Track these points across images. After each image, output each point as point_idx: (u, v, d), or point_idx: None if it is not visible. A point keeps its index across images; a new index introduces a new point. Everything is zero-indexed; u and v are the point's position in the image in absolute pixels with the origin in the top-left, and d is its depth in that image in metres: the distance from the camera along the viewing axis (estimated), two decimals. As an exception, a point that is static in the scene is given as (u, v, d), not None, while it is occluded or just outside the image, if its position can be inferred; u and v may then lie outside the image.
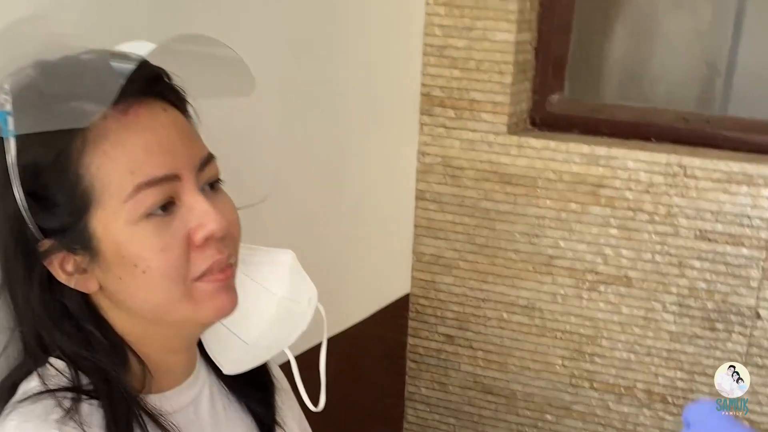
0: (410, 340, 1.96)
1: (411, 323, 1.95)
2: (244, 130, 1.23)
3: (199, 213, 0.78)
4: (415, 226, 1.88)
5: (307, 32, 1.42)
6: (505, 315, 1.87)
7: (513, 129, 1.78)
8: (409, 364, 1.98)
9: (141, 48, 0.79)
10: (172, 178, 0.78)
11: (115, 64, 0.76)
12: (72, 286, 0.80)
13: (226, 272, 0.82)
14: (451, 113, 1.79)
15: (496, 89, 1.74)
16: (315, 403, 0.97)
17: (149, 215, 0.77)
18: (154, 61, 0.79)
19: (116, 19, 0.97)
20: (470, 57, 1.75)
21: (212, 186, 0.82)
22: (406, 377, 1.99)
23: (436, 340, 1.94)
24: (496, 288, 1.86)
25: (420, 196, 1.86)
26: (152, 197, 0.77)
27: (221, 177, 0.84)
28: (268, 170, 1.33)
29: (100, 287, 0.80)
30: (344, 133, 1.58)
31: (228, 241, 0.82)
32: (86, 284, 0.80)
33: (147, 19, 1.04)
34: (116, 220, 0.77)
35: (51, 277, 0.80)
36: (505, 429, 1.93)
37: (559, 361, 1.85)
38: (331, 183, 1.57)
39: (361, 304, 1.75)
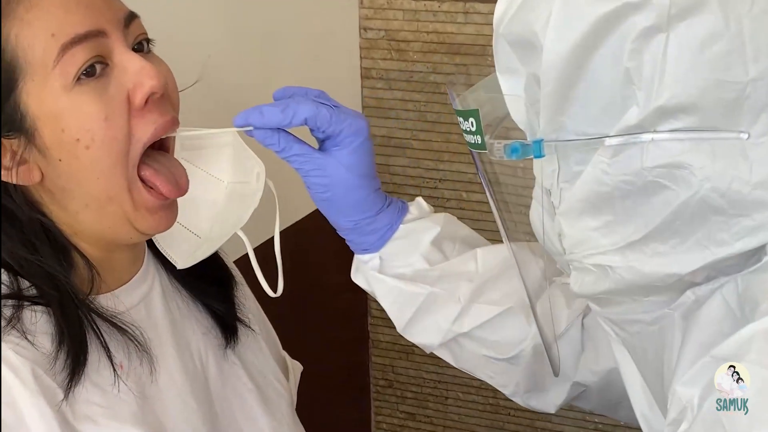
0: None
1: None
2: (171, 17, 1.13)
3: (134, 71, 0.74)
4: (363, 107, 1.80)
5: None
6: (464, 195, 1.80)
7: (459, -6, 1.67)
8: None
9: None
10: (97, 34, 0.73)
11: None
12: (13, 180, 0.74)
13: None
14: (390, -18, 1.68)
15: (437, -51, 1.63)
16: (273, 289, 0.92)
17: (81, 78, 0.72)
18: None
19: None
20: None
21: (143, 48, 0.78)
22: None
23: (393, 229, 1.87)
24: (453, 167, 1.78)
25: (366, 75, 1.77)
26: (81, 55, 0.72)
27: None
28: (200, 52, 1.23)
29: (42, 177, 0.75)
30: (276, 9, 1.47)
31: (167, 104, 0.78)
32: (28, 175, 0.75)
33: None
34: (49, 89, 0.72)
35: None
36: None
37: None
38: (268, 64, 1.47)
39: (308, 198, 1.67)
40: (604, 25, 0.54)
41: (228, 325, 0.91)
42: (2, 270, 0.76)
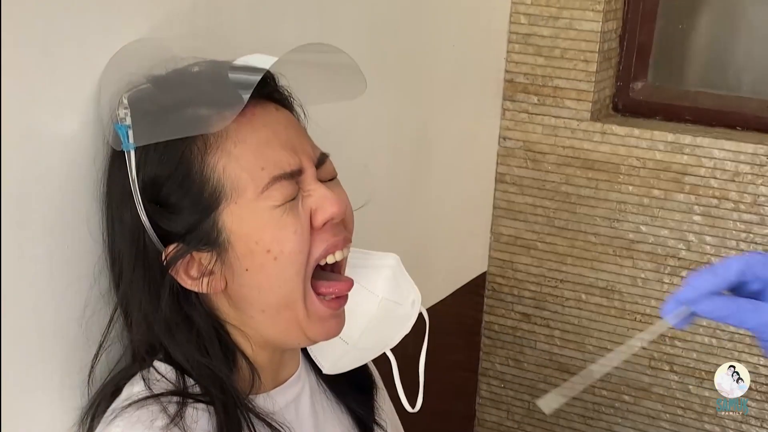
0: (485, 317, 1.98)
1: (487, 301, 1.97)
2: (339, 123, 1.23)
3: (318, 197, 0.81)
4: (494, 208, 1.90)
5: (394, 17, 1.43)
6: (583, 296, 1.87)
7: (596, 115, 1.78)
8: (484, 340, 2.00)
9: (258, 60, 0.81)
10: (300, 172, 0.81)
11: (232, 75, 0.79)
12: (199, 290, 0.80)
13: (340, 300, 0.85)
14: (534, 99, 1.79)
15: (581, 77, 1.74)
16: (412, 403, 0.98)
17: (279, 205, 0.79)
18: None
19: (219, 34, 0.99)
20: (555, 45, 1.75)
21: (328, 180, 0.85)
22: (481, 353, 2.01)
23: (512, 318, 1.96)
24: (575, 270, 1.86)
25: (500, 179, 1.87)
26: (285, 190, 0.79)
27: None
28: (360, 160, 1.33)
29: (226, 285, 0.81)
30: (428, 118, 1.60)
31: (341, 227, 0.84)
32: (213, 284, 0.81)
33: (247, 30, 1.06)
34: (252, 210, 0.78)
35: (177, 287, 0.81)
36: (582, 408, 1.94)
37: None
38: (415, 166, 1.59)
39: (440, 284, 1.78)
40: None
41: (366, 428, 0.96)
42: (170, 368, 0.81)
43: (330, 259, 0.84)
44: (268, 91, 0.83)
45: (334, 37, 1.22)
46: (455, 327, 1.91)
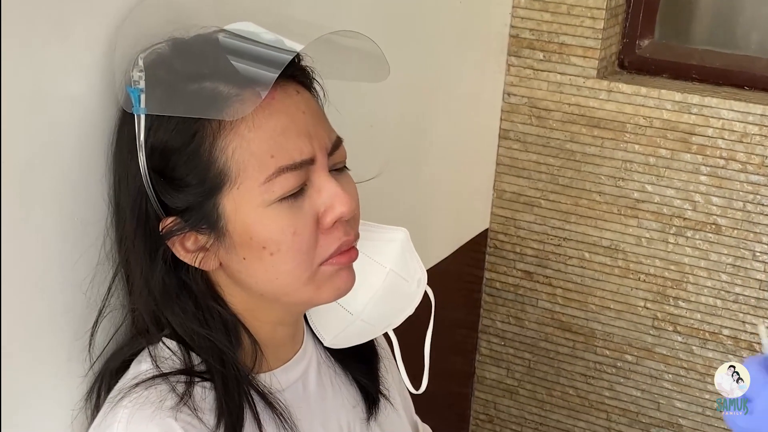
0: (487, 274, 1.97)
1: (488, 258, 1.96)
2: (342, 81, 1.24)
3: (328, 195, 0.78)
4: (497, 164, 1.88)
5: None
6: (586, 255, 1.86)
7: (602, 73, 1.75)
8: (485, 297, 2.00)
9: (249, 28, 0.78)
10: (310, 162, 0.78)
11: (256, 53, 0.76)
12: (193, 264, 0.79)
13: (350, 253, 0.82)
14: (539, 55, 1.77)
15: (588, 33, 1.71)
16: (416, 386, 0.97)
17: (283, 199, 0.77)
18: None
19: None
20: (562, 1, 1.72)
21: (339, 167, 0.83)
22: (481, 310, 2.01)
23: (514, 275, 1.95)
24: (579, 228, 1.85)
25: (504, 135, 1.86)
26: (292, 181, 0.76)
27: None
28: (364, 118, 1.32)
29: (220, 265, 0.80)
30: (432, 73, 1.58)
31: (353, 222, 0.82)
32: (207, 262, 0.79)
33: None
34: (250, 201, 0.76)
35: (173, 255, 0.79)
36: (583, 367, 1.94)
37: (642, 303, 1.84)
38: (418, 122, 1.58)
39: (442, 241, 1.77)
40: None
41: (371, 398, 0.95)
42: (176, 345, 0.80)
43: None
44: (291, 71, 0.79)
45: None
46: (456, 284, 1.91)
